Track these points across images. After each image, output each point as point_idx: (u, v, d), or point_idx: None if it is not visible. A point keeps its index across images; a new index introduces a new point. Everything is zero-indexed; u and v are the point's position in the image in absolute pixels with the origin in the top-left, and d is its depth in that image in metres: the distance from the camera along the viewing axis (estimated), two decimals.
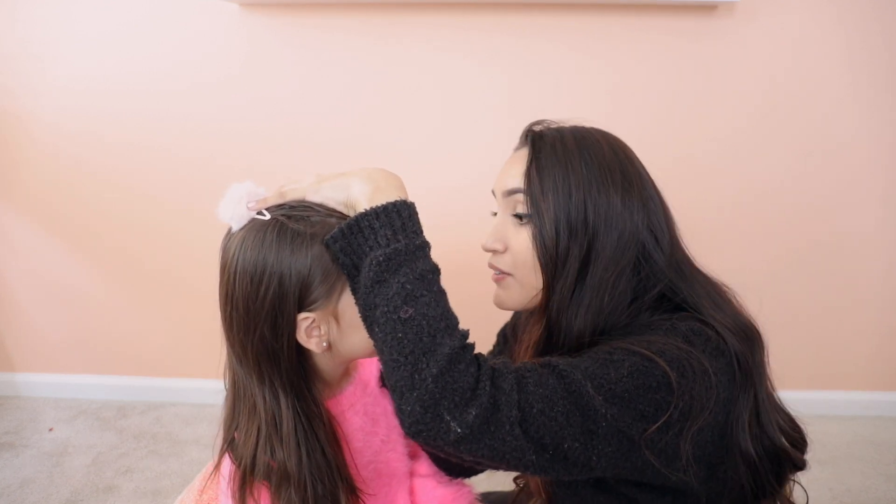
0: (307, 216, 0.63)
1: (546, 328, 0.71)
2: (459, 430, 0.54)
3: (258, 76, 1.65)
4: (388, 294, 0.57)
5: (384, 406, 0.78)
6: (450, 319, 0.58)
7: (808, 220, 1.68)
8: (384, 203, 0.60)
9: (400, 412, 0.55)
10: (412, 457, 0.83)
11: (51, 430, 1.80)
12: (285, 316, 0.62)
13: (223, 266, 0.65)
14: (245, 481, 0.64)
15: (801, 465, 0.69)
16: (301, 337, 0.64)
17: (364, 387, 0.78)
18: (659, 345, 0.61)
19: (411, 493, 0.79)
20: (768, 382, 0.69)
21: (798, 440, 0.71)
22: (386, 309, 0.57)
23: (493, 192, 0.77)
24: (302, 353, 0.66)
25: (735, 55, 1.57)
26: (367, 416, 0.75)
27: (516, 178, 0.71)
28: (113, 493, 1.52)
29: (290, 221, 0.62)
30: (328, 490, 0.64)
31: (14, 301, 1.90)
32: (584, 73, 1.60)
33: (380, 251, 0.58)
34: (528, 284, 0.72)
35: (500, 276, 0.75)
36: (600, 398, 0.56)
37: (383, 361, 0.57)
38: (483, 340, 0.89)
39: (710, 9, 1.54)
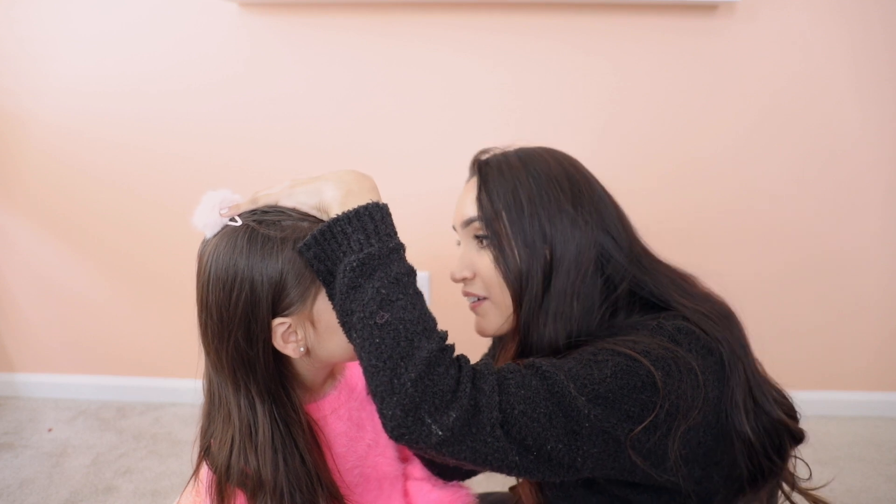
0: (279, 221, 0.63)
1: (519, 343, 0.71)
2: (441, 433, 0.54)
3: (258, 76, 1.64)
4: (364, 299, 0.57)
5: (370, 410, 0.77)
6: (427, 322, 0.57)
7: (810, 222, 1.68)
8: (356, 207, 0.59)
9: (382, 416, 0.55)
10: (405, 460, 0.82)
11: (50, 430, 1.79)
12: (259, 322, 0.61)
13: (198, 274, 0.65)
14: (222, 488, 0.63)
15: (799, 437, 0.69)
16: (278, 343, 0.63)
17: (350, 391, 0.77)
18: (644, 344, 0.61)
19: (405, 495, 0.79)
20: (753, 356, 0.70)
21: (790, 409, 0.71)
22: (362, 314, 0.56)
23: (453, 227, 0.78)
24: (280, 359, 0.65)
25: (735, 55, 1.57)
26: (351, 420, 0.75)
27: (470, 207, 0.74)
28: (112, 494, 1.52)
29: (261, 227, 0.62)
30: (306, 498, 0.63)
31: (14, 301, 1.90)
32: (584, 73, 1.59)
33: (353, 256, 0.57)
34: (503, 304, 0.73)
35: (477, 302, 0.76)
36: (583, 399, 0.56)
37: (363, 366, 0.57)
38: (481, 344, 0.89)
39: (710, 9, 1.54)
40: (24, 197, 1.80)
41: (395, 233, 0.61)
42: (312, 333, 0.65)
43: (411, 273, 0.60)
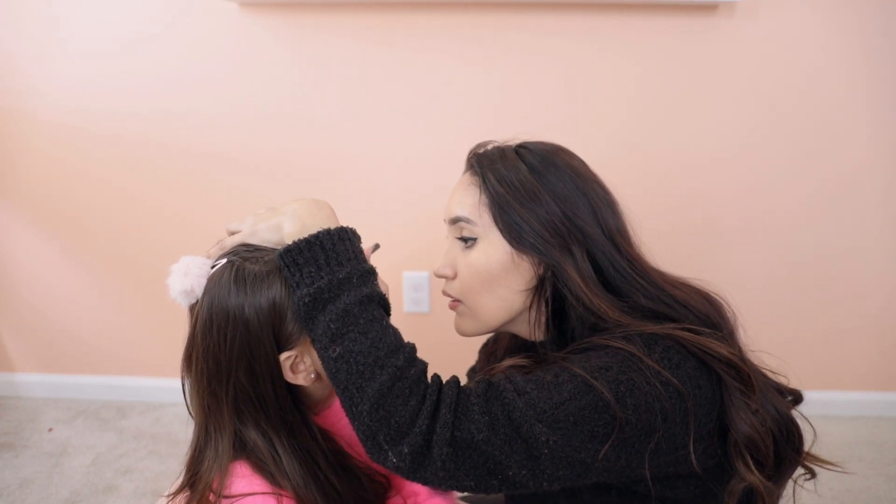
0: (260, 256, 0.62)
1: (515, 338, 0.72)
2: (395, 461, 0.56)
3: (257, 76, 1.64)
4: (318, 333, 0.58)
5: None
6: (379, 351, 0.57)
7: (808, 221, 1.68)
8: (305, 238, 0.59)
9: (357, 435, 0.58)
10: None
11: (50, 430, 1.79)
12: (261, 359, 0.60)
13: (191, 327, 0.63)
14: None
15: (799, 398, 0.71)
16: (288, 376, 0.63)
17: None
18: (601, 363, 0.59)
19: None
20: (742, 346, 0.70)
21: (784, 388, 0.71)
22: (318, 346, 0.58)
23: (444, 220, 0.78)
24: (292, 389, 0.65)
25: (735, 55, 1.57)
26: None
27: (458, 205, 0.73)
28: (113, 494, 1.52)
29: (246, 263, 0.61)
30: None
31: (14, 301, 1.90)
32: (584, 73, 1.59)
33: (304, 290, 0.58)
34: (478, 309, 0.73)
35: (454, 302, 0.76)
36: (542, 426, 0.55)
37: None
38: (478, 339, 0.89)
39: (710, 9, 1.54)
40: (24, 196, 1.80)
41: (350, 258, 0.60)
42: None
43: (365, 300, 0.59)
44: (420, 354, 0.62)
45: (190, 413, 0.67)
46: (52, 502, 1.49)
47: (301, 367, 0.63)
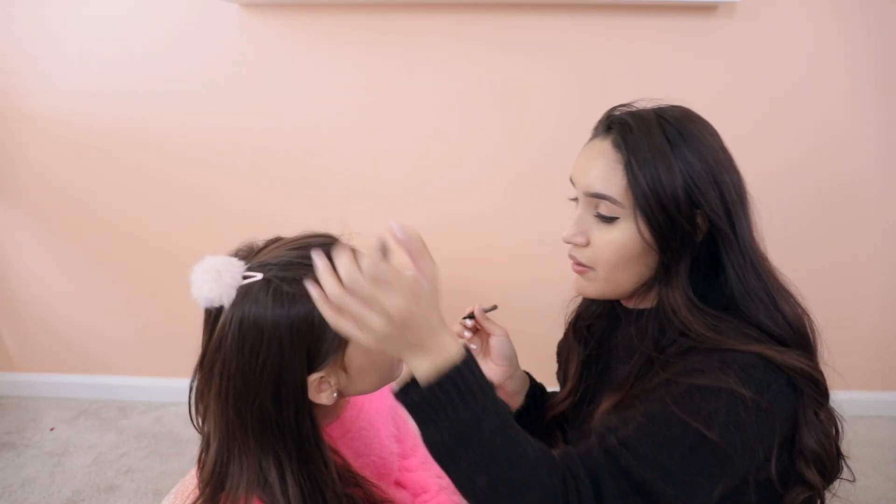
0: (294, 277, 0.59)
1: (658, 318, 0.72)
2: None
3: (258, 77, 1.65)
4: (460, 465, 0.57)
5: (377, 427, 0.78)
6: (525, 470, 0.57)
7: (808, 221, 1.68)
8: (438, 381, 0.57)
9: None
10: (403, 457, 0.85)
11: (52, 429, 1.80)
12: (288, 381, 0.59)
13: (217, 338, 0.60)
14: None
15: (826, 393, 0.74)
16: (312, 395, 0.62)
17: (358, 411, 0.78)
18: (710, 407, 0.61)
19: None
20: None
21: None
22: (460, 476, 0.58)
23: (571, 181, 0.76)
24: (311, 410, 0.63)
25: (735, 55, 1.57)
26: (360, 440, 0.76)
27: (604, 184, 0.70)
28: (114, 493, 1.53)
29: (284, 284, 0.58)
30: None
31: (15, 301, 1.91)
32: (584, 73, 1.60)
33: (445, 433, 0.57)
34: (611, 280, 0.73)
35: (582, 268, 0.75)
36: (671, 491, 0.59)
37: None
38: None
39: (710, 9, 1.54)
40: (24, 197, 1.80)
41: (481, 383, 0.58)
42: (344, 378, 0.64)
43: (504, 426, 0.59)
44: None
45: (192, 418, 0.66)
46: (54, 502, 1.49)
47: (325, 387, 0.62)
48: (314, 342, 0.59)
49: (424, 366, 0.56)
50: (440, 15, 1.57)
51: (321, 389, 0.62)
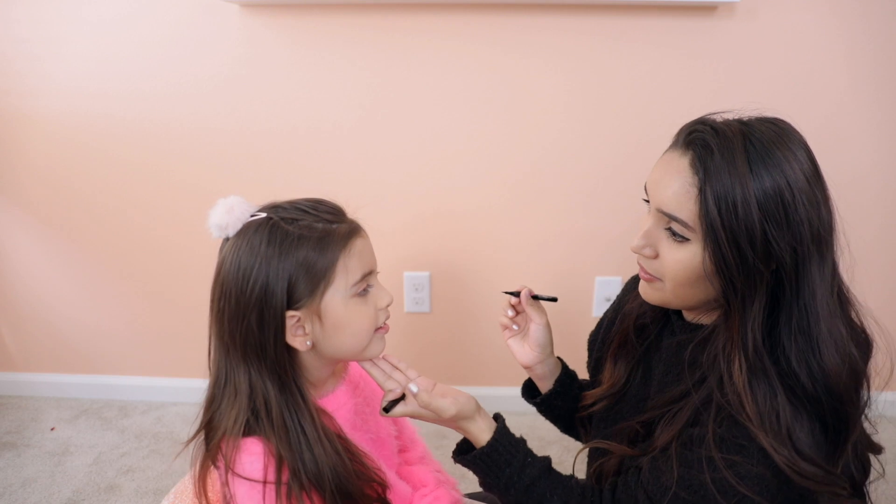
0: (297, 219, 0.69)
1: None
2: None
3: (258, 77, 1.65)
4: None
5: (374, 407, 0.80)
6: None
7: None
8: (491, 446, 0.74)
9: None
10: (402, 450, 0.87)
11: (52, 429, 1.80)
12: (271, 309, 0.66)
13: (219, 265, 0.70)
14: (205, 466, 0.68)
15: (879, 449, 0.81)
16: (288, 337, 0.68)
17: (354, 387, 0.80)
18: (739, 496, 0.66)
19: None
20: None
21: (871, 443, 0.80)
22: None
23: (644, 189, 0.76)
24: (289, 351, 0.70)
25: (735, 55, 1.57)
26: (357, 416, 0.78)
27: (678, 206, 0.69)
28: (115, 493, 1.53)
29: (283, 222, 0.68)
30: (332, 481, 0.67)
31: (15, 301, 1.91)
32: (584, 74, 1.60)
33: (508, 491, 0.73)
34: (677, 293, 0.73)
35: (650, 277, 0.76)
36: None
37: None
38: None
39: (710, 9, 1.54)
40: (24, 196, 1.80)
41: (518, 447, 0.75)
42: (319, 328, 0.69)
43: (545, 471, 0.74)
44: (421, 354, 0.64)
45: (208, 355, 0.74)
46: (55, 501, 1.50)
47: (299, 332, 0.68)
48: (295, 279, 0.66)
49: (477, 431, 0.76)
50: (441, 15, 1.57)
51: (295, 333, 0.68)
